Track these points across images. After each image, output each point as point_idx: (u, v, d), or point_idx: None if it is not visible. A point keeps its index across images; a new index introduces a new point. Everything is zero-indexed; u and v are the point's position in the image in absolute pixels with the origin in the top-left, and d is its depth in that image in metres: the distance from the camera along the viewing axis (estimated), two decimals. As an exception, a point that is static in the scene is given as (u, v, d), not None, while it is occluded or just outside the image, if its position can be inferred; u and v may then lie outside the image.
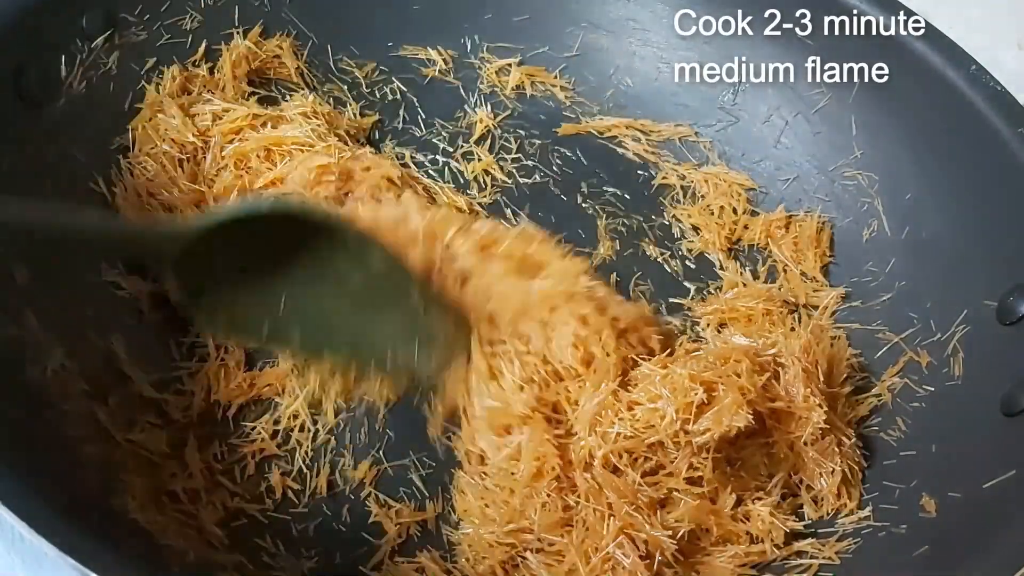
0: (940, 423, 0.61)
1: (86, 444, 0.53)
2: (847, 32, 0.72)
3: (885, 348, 0.67)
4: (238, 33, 0.74)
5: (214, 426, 0.61)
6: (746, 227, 0.75)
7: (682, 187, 0.77)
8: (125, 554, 0.45)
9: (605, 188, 0.77)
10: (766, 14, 0.75)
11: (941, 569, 0.53)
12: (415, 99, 0.79)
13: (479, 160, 0.77)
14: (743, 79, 0.77)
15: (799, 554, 0.59)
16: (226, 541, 0.55)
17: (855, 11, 0.71)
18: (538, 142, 0.79)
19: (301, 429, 0.62)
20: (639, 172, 0.78)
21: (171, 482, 0.56)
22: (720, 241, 0.74)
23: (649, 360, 0.60)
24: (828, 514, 0.61)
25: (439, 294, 0.61)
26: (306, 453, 0.61)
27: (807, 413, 0.60)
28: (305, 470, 0.61)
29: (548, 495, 0.57)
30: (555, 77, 0.81)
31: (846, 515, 0.61)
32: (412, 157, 0.75)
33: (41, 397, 0.53)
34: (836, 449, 0.61)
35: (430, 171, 0.75)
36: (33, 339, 0.55)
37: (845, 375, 0.65)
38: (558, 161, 0.78)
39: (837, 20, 0.72)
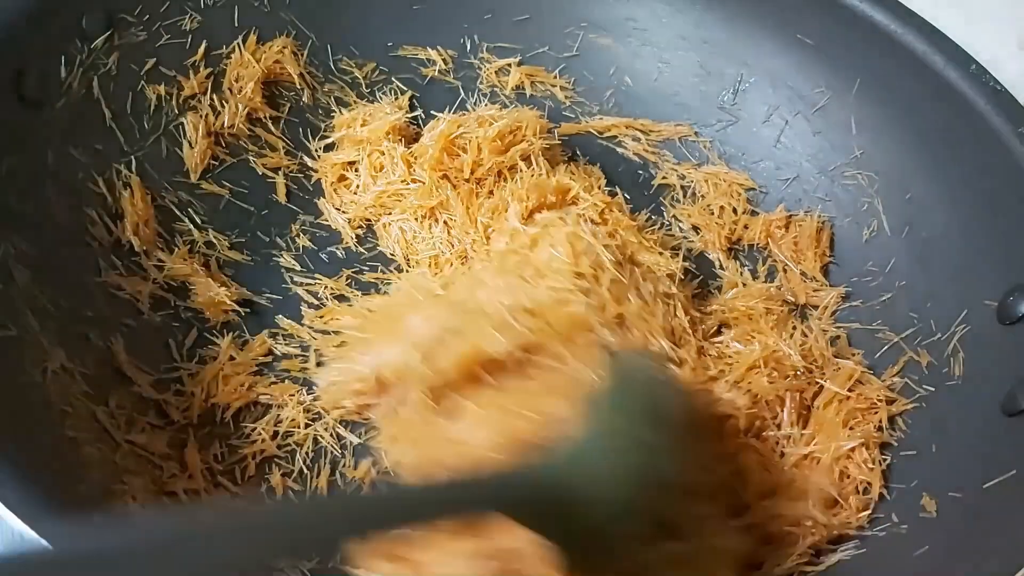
0: (940, 423, 0.61)
1: (86, 445, 0.53)
2: (847, 32, 0.72)
3: (885, 348, 0.67)
4: (239, 44, 0.74)
5: (214, 427, 0.61)
6: (746, 227, 0.75)
7: (682, 187, 0.77)
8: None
9: (605, 188, 0.77)
10: (766, 14, 0.75)
11: (941, 569, 0.53)
12: (415, 99, 0.79)
13: (479, 160, 0.77)
14: (743, 79, 0.77)
15: (800, 554, 0.59)
16: (226, 541, 0.55)
17: (855, 11, 0.71)
18: (538, 142, 0.78)
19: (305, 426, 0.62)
20: (639, 172, 0.78)
21: (171, 483, 0.56)
22: (720, 241, 0.74)
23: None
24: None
25: None
26: (306, 454, 0.61)
27: None
28: (306, 471, 0.61)
29: None
30: (555, 77, 0.81)
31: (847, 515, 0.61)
32: (412, 157, 0.75)
33: (41, 397, 0.53)
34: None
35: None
36: (33, 339, 0.55)
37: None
38: (558, 161, 0.78)
39: (837, 20, 0.72)
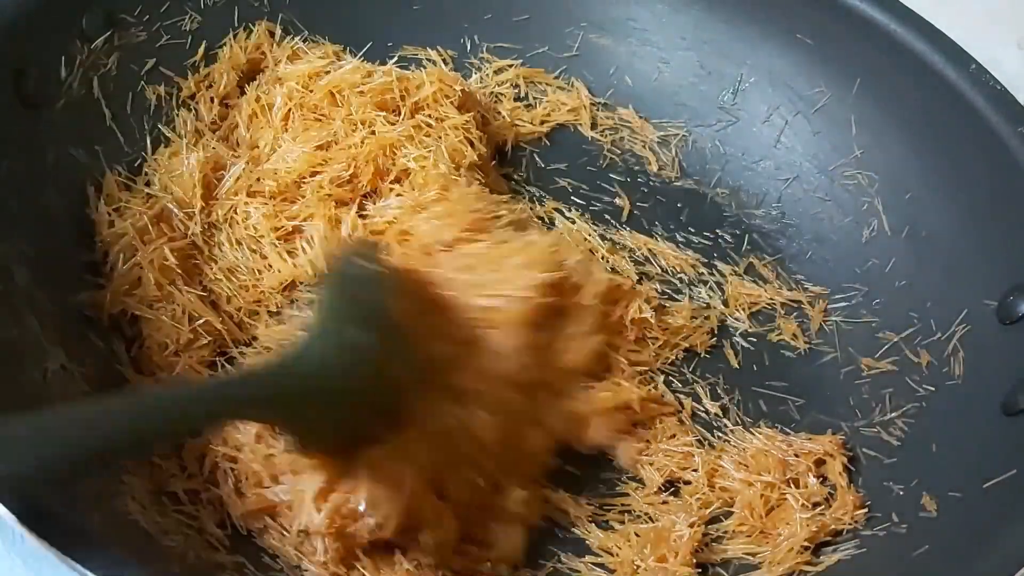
0: (940, 423, 0.61)
1: (86, 445, 0.53)
2: (847, 32, 0.72)
3: (885, 348, 0.67)
4: (231, 40, 0.74)
5: (214, 427, 0.61)
6: (746, 227, 0.75)
7: (682, 187, 0.77)
8: (125, 554, 0.45)
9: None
10: (766, 14, 0.75)
11: (941, 569, 0.53)
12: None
13: (479, 160, 0.76)
14: (743, 79, 0.77)
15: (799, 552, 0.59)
16: (227, 542, 0.55)
17: (855, 11, 0.71)
18: (538, 142, 0.79)
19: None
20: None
21: (171, 483, 0.56)
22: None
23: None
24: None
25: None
26: (306, 453, 0.61)
27: None
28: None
29: None
30: (555, 77, 0.81)
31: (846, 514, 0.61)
32: (412, 157, 0.75)
33: (41, 398, 0.53)
34: None
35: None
36: (33, 339, 0.55)
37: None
38: (558, 161, 0.78)
39: (837, 20, 0.72)
